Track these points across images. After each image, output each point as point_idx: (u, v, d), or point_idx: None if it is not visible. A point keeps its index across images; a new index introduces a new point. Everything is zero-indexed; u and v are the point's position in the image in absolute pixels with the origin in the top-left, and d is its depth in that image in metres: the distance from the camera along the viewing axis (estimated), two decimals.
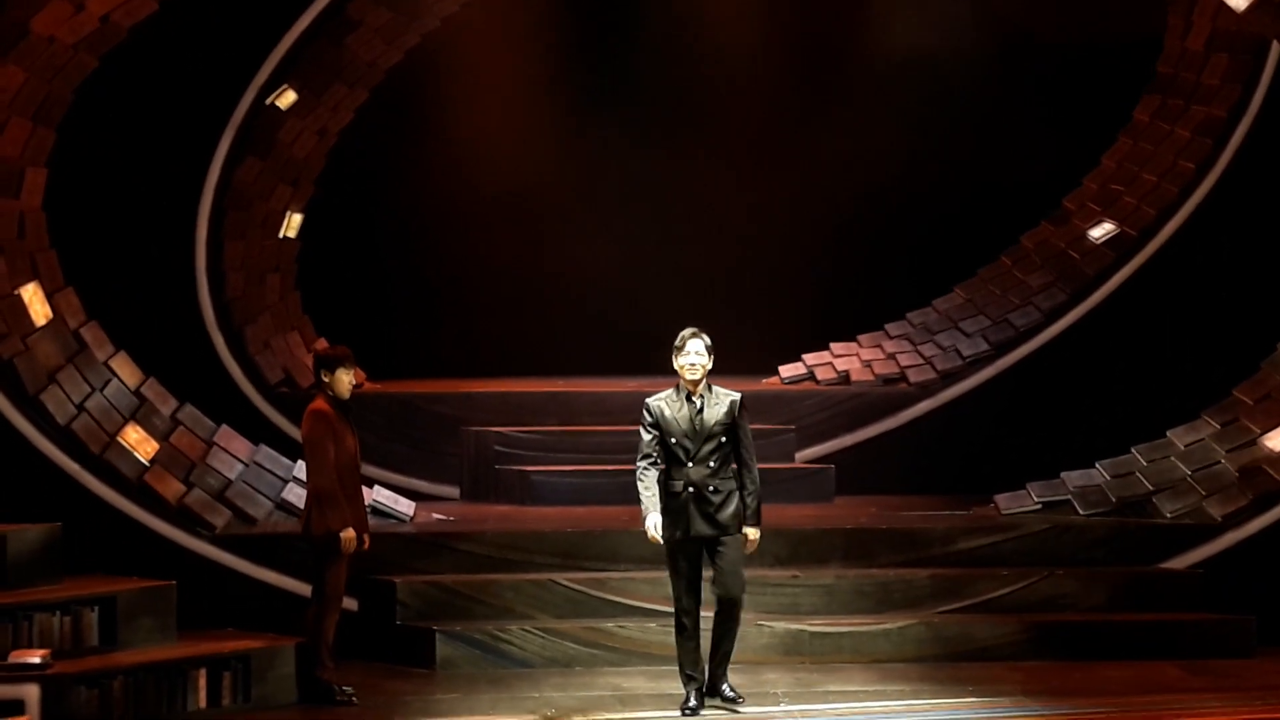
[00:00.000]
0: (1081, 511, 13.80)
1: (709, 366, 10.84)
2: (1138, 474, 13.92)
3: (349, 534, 11.17)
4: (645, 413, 10.85)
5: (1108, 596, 12.95)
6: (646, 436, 10.80)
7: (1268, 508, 13.40)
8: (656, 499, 10.75)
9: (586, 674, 11.99)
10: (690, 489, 10.73)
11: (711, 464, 10.73)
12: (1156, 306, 16.07)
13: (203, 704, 10.95)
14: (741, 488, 10.78)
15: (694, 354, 10.81)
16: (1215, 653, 12.52)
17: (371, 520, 13.25)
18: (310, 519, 11.24)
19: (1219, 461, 13.75)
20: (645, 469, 10.79)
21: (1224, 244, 15.90)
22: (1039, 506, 13.94)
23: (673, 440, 10.75)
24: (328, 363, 11.33)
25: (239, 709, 11.05)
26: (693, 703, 10.85)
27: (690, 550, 10.81)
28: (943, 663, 12.28)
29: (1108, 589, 12.97)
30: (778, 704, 11.22)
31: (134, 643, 11.16)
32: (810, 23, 17.61)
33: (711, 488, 10.73)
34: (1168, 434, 14.07)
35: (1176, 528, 13.48)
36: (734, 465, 10.81)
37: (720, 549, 10.78)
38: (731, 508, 10.77)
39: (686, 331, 10.90)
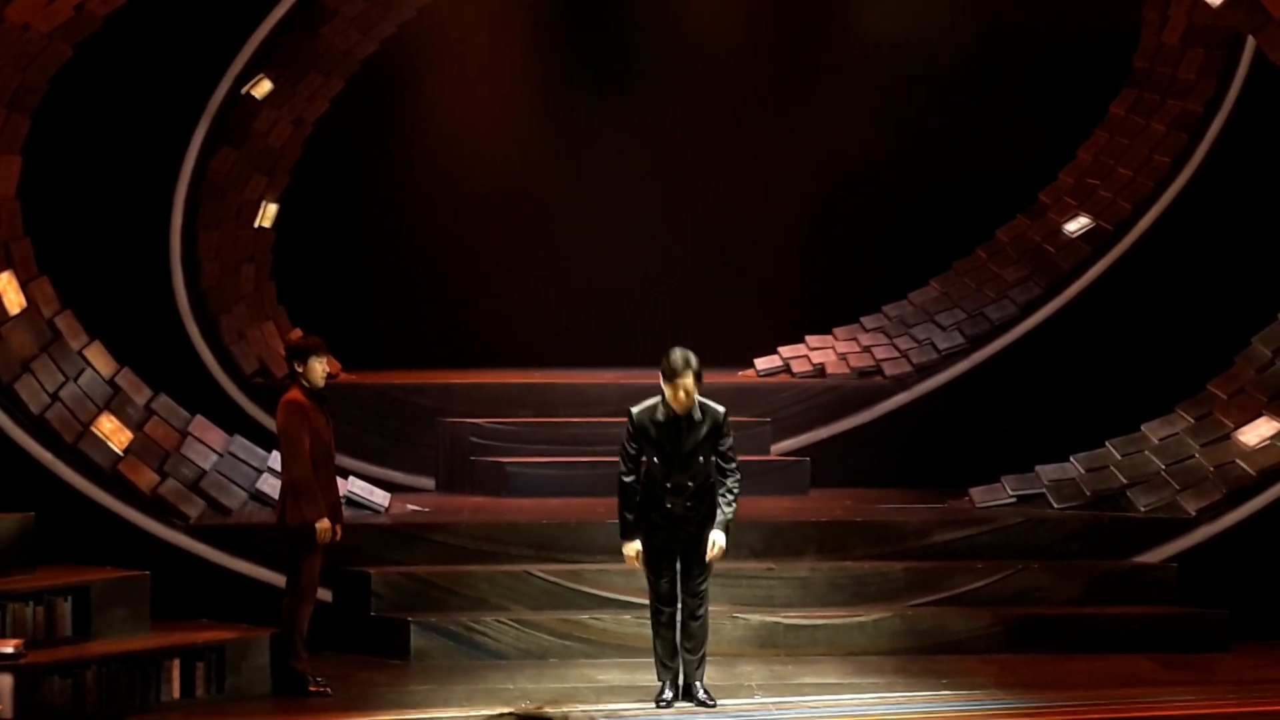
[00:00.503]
0: (1056, 505, 13.82)
1: (696, 394, 10.69)
2: (1112, 468, 13.93)
3: (324, 524, 11.15)
4: (629, 424, 10.77)
5: (1082, 590, 12.96)
6: (631, 450, 10.73)
7: (1241, 502, 13.43)
8: (638, 524, 10.68)
9: (561, 666, 11.98)
10: (669, 505, 10.71)
11: (690, 484, 10.70)
12: (1132, 301, 16.09)
13: (176, 694, 10.92)
14: (720, 494, 10.74)
15: (682, 381, 10.63)
16: (1189, 647, 12.55)
17: (347, 511, 13.21)
18: (285, 509, 11.22)
19: (1193, 456, 13.77)
20: (630, 485, 10.72)
21: (1199, 238, 15.92)
22: (1013, 500, 13.95)
23: (655, 459, 10.69)
24: (300, 353, 11.31)
25: (212, 699, 11.03)
26: (667, 695, 10.84)
27: (668, 556, 10.81)
28: (917, 655, 12.29)
29: (1082, 582, 12.99)
30: (752, 696, 11.22)
31: (107, 633, 11.13)
32: (787, 17, 17.59)
33: (689, 504, 10.71)
34: (1142, 428, 14.09)
35: (1150, 522, 13.50)
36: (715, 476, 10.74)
37: (693, 554, 10.78)
38: (708, 524, 10.74)
39: (676, 358, 10.69)
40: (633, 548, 10.72)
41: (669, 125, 17.83)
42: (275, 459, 13.43)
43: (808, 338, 17.12)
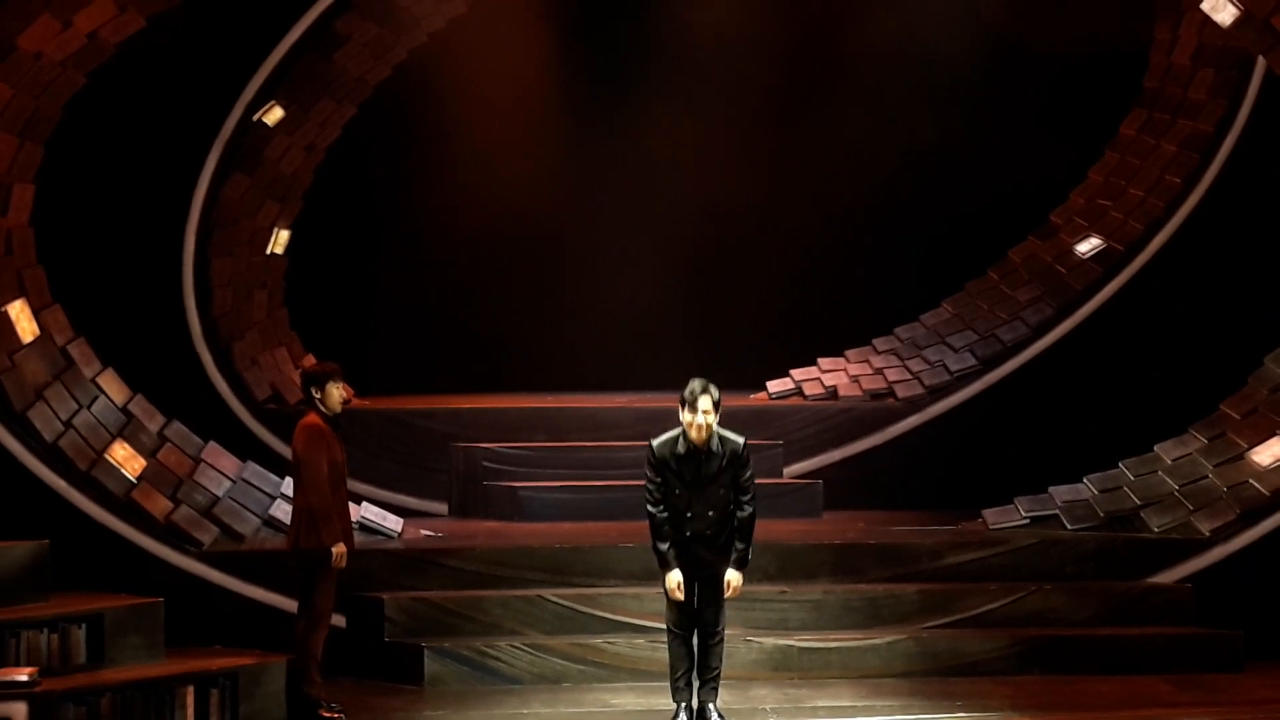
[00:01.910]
0: (1069, 526, 13.81)
1: (715, 424, 10.68)
2: (1125, 489, 13.92)
3: (340, 549, 11.17)
4: (650, 456, 10.75)
5: (1096, 611, 12.95)
6: (654, 482, 10.70)
7: (1255, 522, 13.41)
8: (673, 553, 10.66)
9: (575, 690, 11.97)
10: (689, 533, 10.69)
11: (711, 514, 10.69)
12: (1143, 321, 16.09)
13: None
14: (735, 531, 10.74)
15: (701, 413, 10.61)
16: (1203, 667, 12.53)
17: (359, 536, 13.23)
18: (299, 534, 11.24)
19: (1206, 476, 13.76)
20: (657, 516, 10.68)
21: (1211, 258, 15.93)
22: (1027, 521, 13.94)
23: (675, 491, 10.67)
24: (317, 378, 11.35)
25: None
26: (681, 718, 10.84)
27: (686, 587, 10.78)
28: (931, 678, 12.28)
29: (1096, 604, 12.97)
30: (767, 718, 11.21)
31: (121, 660, 11.13)
32: (800, 41, 17.63)
33: (709, 531, 10.68)
34: (1155, 449, 14.08)
35: (1164, 542, 13.49)
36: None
37: (711, 584, 10.77)
38: (726, 555, 10.72)
39: (696, 387, 10.67)
40: (674, 578, 10.68)
41: (682, 151, 17.86)
42: (288, 484, 13.45)
43: (820, 360, 17.14)
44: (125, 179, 15.08)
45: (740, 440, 10.75)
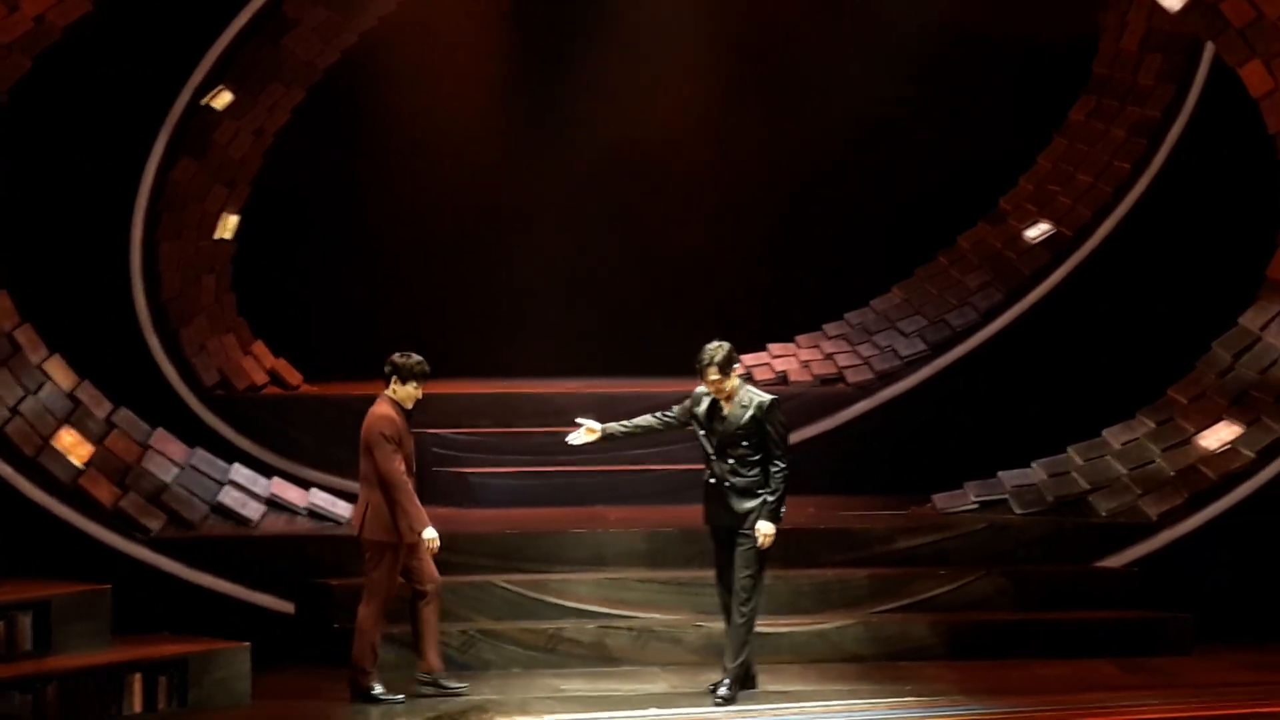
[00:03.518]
0: (1018, 510, 13.85)
1: (725, 382, 11.19)
2: (1074, 473, 13.97)
3: (433, 536, 11.20)
4: (690, 397, 11.31)
5: (1044, 595, 12.99)
6: (675, 409, 11.37)
7: (1203, 506, 13.48)
8: (622, 425, 11.33)
9: (525, 676, 11.96)
10: (713, 479, 11.18)
11: (730, 460, 11.13)
12: (1092, 306, 16.14)
13: (138, 708, 10.88)
14: (765, 484, 11.07)
15: (711, 379, 11.21)
16: (1151, 650, 12.59)
17: (308, 523, 13.22)
18: (364, 523, 11.22)
19: (1154, 460, 13.82)
20: (653, 416, 11.35)
21: (1159, 244, 15.98)
22: (976, 506, 13.98)
23: (701, 434, 11.24)
24: (401, 372, 11.37)
25: (175, 713, 10.98)
26: (722, 691, 11.07)
27: (720, 536, 11.25)
28: (881, 662, 12.31)
29: (1044, 587, 13.02)
30: (716, 705, 11.21)
31: (68, 647, 11.08)
32: (751, 28, 17.62)
33: (729, 482, 11.11)
34: (1103, 433, 14.13)
35: (1112, 526, 13.54)
36: (766, 463, 11.13)
37: (736, 547, 11.15)
38: (752, 502, 11.12)
39: (703, 358, 11.25)
40: (592, 424, 11.25)
41: (634, 136, 17.83)
42: (237, 470, 13.41)
43: (770, 345, 17.14)
44: (72, 163, 14.98)
45: (767, 398, 11.24)
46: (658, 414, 11.39)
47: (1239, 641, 12.83)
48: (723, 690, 11.05)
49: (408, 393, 11.41)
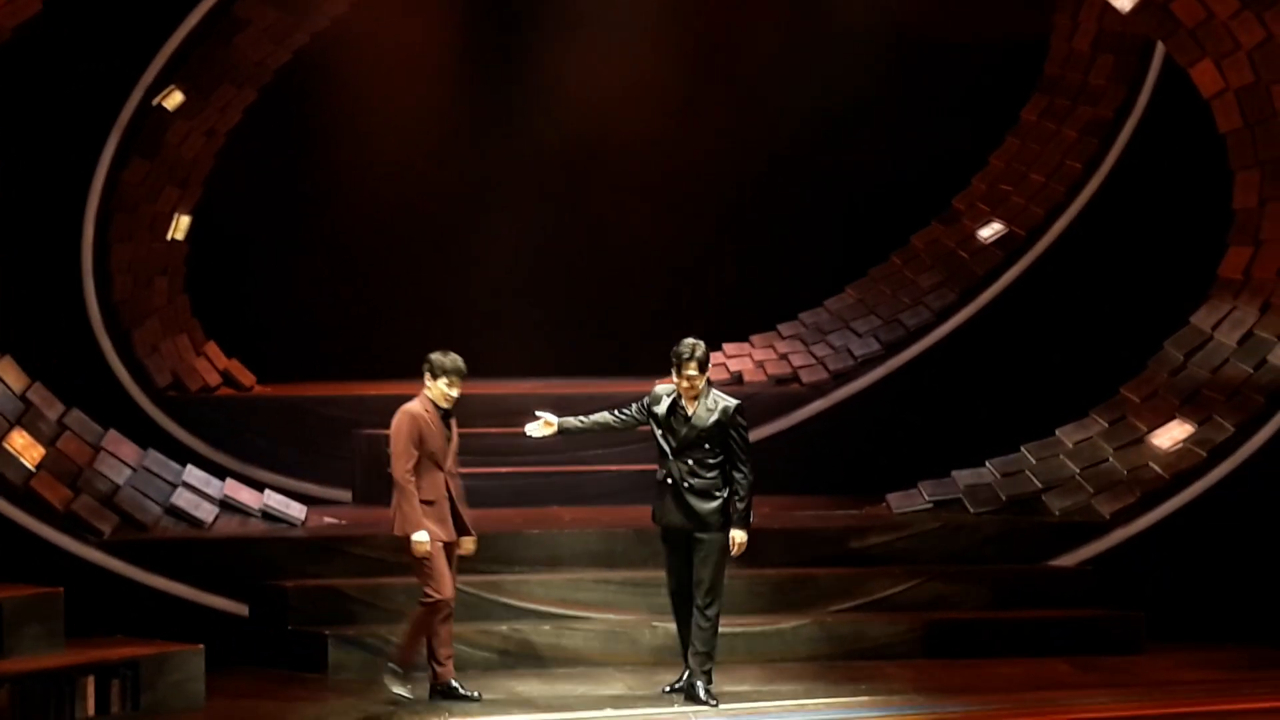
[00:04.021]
0: (972, 510, 13.88)
1: (700, 380, 11.01)
2: (1027, 472, 14.01)
3: (420, 541, 10.97)
4: (648, 395, 11.12)
5: (998, 594, 13.03)
6: (633, 406, 11.17)
7: (1155, 505, 13.53)
8: (579, 420, 11.16)
9: (479, 677, 11.92)
10: (669, 480, 11.02)
11: (690, 462, 10.98)
12: (1045, 305, 16.20)
13: (91, 712, 10.83)
14: (733, 492, 10.91)
15: (688, 376, 11.01)
16: (1105, 649, 12.63)
17: (262, 525, 13.16)
18: (393, 521, 11.10)
19: (1107, 459, 13.87)
20: (604, 414, 11.19)
21: (1111, 243, 16.05)
22: (930, 505, 14.01)
23: (659, 433, 11.07)
24: (432, 368, 11.17)
25: (128, 717, 10.93)
26: (670, 686, 11.01)
27: (674, 538, 11.08)
28: (836, 662, 12.32)
29: (998, 586, 13.05)
30: (671, 705, 11.21)
31: (21, 650, 11.02)
32: (697, 28, 17.64)
33: (688, 484, 10.97)
34: (1056, 432, 14.18)
35: (1065, 525, 13.58)
36: (725, 466, 10.98)
37: (698, 550, 11.00)
38: (710, 505, 10.97)
39: (684, 350, 11.07)
40: (550, 416, 11.12)
41: (587, 138, 17.84)
42: (190, 472, 13.36)
43: (725, 345, 17.16)
44: (23, 164, 14.90)
45: (733, 403, 11.07)
46: (615, 411, 11.26)
47: (1191, 640, 12.88)
48: (702, 692, 10.98)
49: (439, 390, 11.17)
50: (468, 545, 11.28)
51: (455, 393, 11.20)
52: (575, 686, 11.59)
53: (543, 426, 11.23)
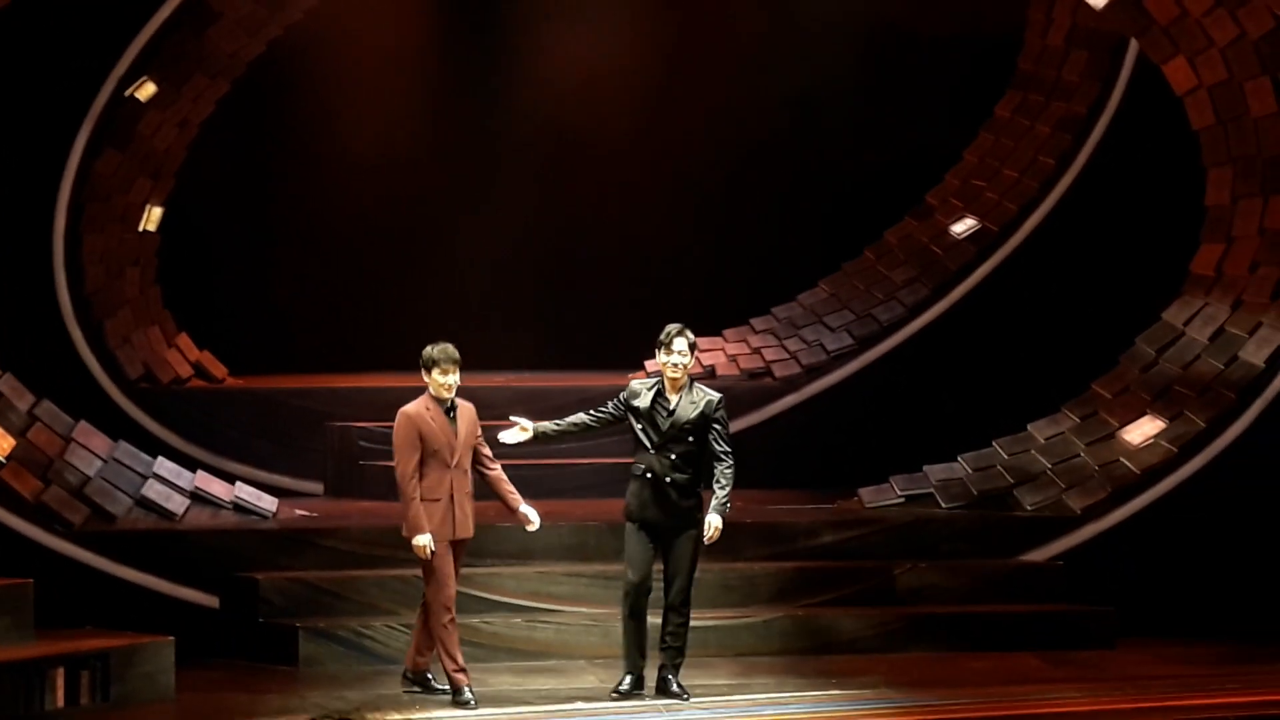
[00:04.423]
0: (943, 504, 13.90)
1: (690, 366, 10.87)
2: (999, 467, 14.04)
3: (419, 543, 10.81)
4: (625, 390, 10.92)
5: (969, 588, 13.04)
6: (609, 404, 10.91)
7: (1126, 500, 13.56)
8: (555, 424, 10.94)
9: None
10: (649, 475, 10.81)
11: (673, 457, 10.80)
12: (1018, 301, 16.22)
13: (60, 703, 10.78)
14: (715, 481, 10.81)
15: (678, 353, 10.86)
16: (1076, 644, 12.65)
17: (233, 517, 13.12)
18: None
19: (1079, 455, 13.90)
20: (584, 415, 10.93)
21: (1084, 239, 16.08)
22: (902, 500, 14.03)
23: (639, 426, 10.85)
24: (423, 362, 10.94)
25: (97, 708, 10.89)
26: (624, 686, 10.82)
27: (651, 531, 10.86)
28: (807, 655, 12.33)
29: (970, 581, 13.07)
30: (643, 699, 11.20)
31: None
32: (671, 24, 17.63)
33: (669, 479, 10.79)
34: (1028, 427, 14.20)
35: (1037, 520, 13.60)
36: (704, 459, 10.82)
37: (674, 546, 10.86)
38: (691, 500, 10.83)
39: (673, 329, 10.92)
40: (527, 422, 10.89)
41: (556, 132, 17.83)
42: (161, 464, 13.33)
43: (698, 339, 17.13)
44: None
45: (715, 395, 10.92)
46: (591, 411, 11.01)
47: (1162, 635, 12.91)
48: (675, 685, 10.95)
49: (435, 382, 10.91)
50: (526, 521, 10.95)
51: (450, 380, 10.91)
52: (547, 680, 11.58)
53: (518, 432, 11.05)
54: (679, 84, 17.78)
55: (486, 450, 11.04)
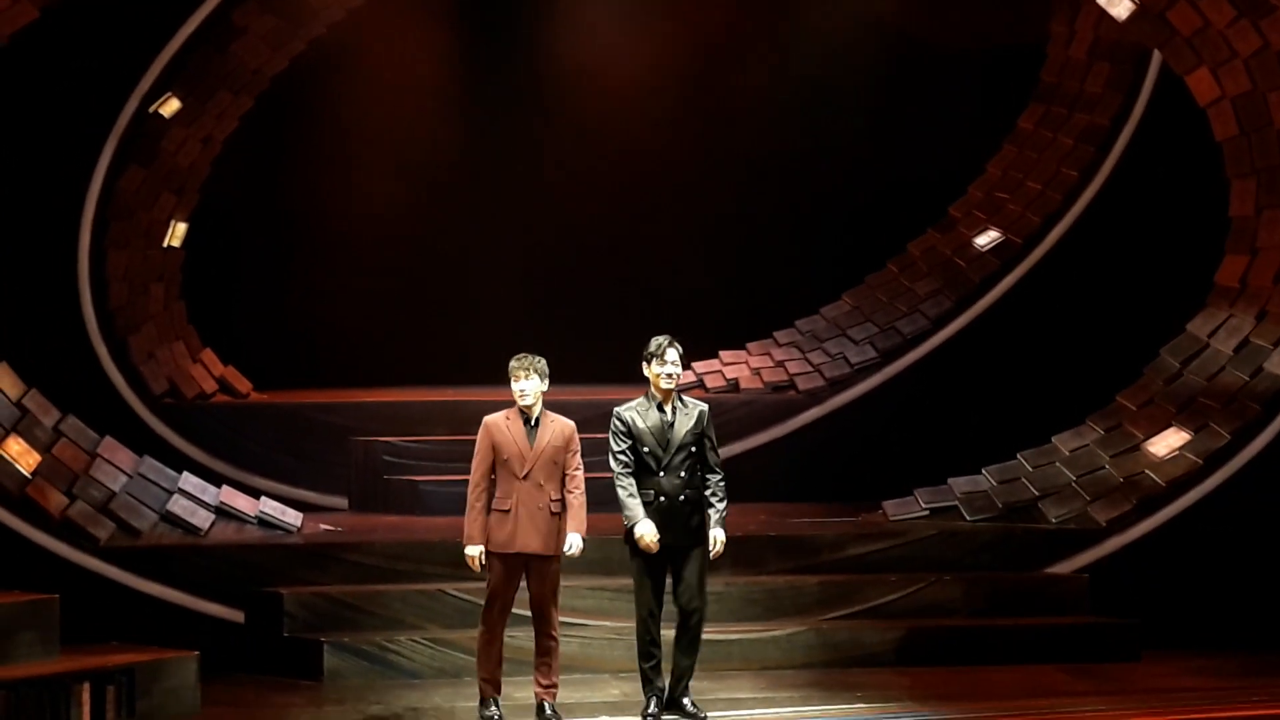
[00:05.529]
0: (968, 517, 13.89)
1: (680, 376, 10.78)
2: (1023, 480, 14.02)
3: (471, 554, 10.67)
4: (616, 422, 10.74)
5: (994, 601, 13.03)
6: (619, 446, 10.70)
7: (1151, 512, 13.54)
8: (642, 507, 10.63)
9: (475, 684, 11.91)
10: (662, 499, 10.68)
11: (682, 474, 10.69)
12: (1041, 313, 16.21)
13: (86, 718, 10.82)
14: (710, 494, 10.74)
15: (670, 363, 10.74)
16: (1100, 656, 12.63)
17: (258, 532, 13.15)
18: None
19: (1103, 467, 13.88)
20: (624, 476, 10.65)
21: (1107, 251, 16.06)
22: (926, 512, 14.02)
23: (644, 450, 10.69)
24: (510, 367, 10.76)
25: None
26: (652, 709, 10.78)
27: (658, 558, 10.71)
28: (831, 669, 12.32)
29: (994, 594, 13.06)
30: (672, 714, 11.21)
31: (16, 657, 11.00)
32: (696, 41, 17.66)
33: (682, 497, 10.69)
34: (1053, 440, 14.18)
35: (1061, 533, 13.59)
36: (700, 471, 10.73)
37: (686, 559, 10.73)
38: (699, 517, 10.72)
39: (662, 339, 10.79)
40: (647, 529, 10.54)
41: (579, 146, 17.86)
42: (186, 479, 13.37)
43: (721, 353, 17.17)
44: (20, 171, 14.91)
45: (704, 405, 10.83)
46: (623, 468, 10.64)
47: (1187, 647, 12.89)
48: (691, 705, 10.90)
49: (514, 391, 10.86)
50: (569, 547, 10.68)
51: (518, 387, 10.71)
52: (571, 693, 11.59)
53: (654, 544, 10.60)
54: (700, 97, 17.80)
55: (573, 472, 10.77)
